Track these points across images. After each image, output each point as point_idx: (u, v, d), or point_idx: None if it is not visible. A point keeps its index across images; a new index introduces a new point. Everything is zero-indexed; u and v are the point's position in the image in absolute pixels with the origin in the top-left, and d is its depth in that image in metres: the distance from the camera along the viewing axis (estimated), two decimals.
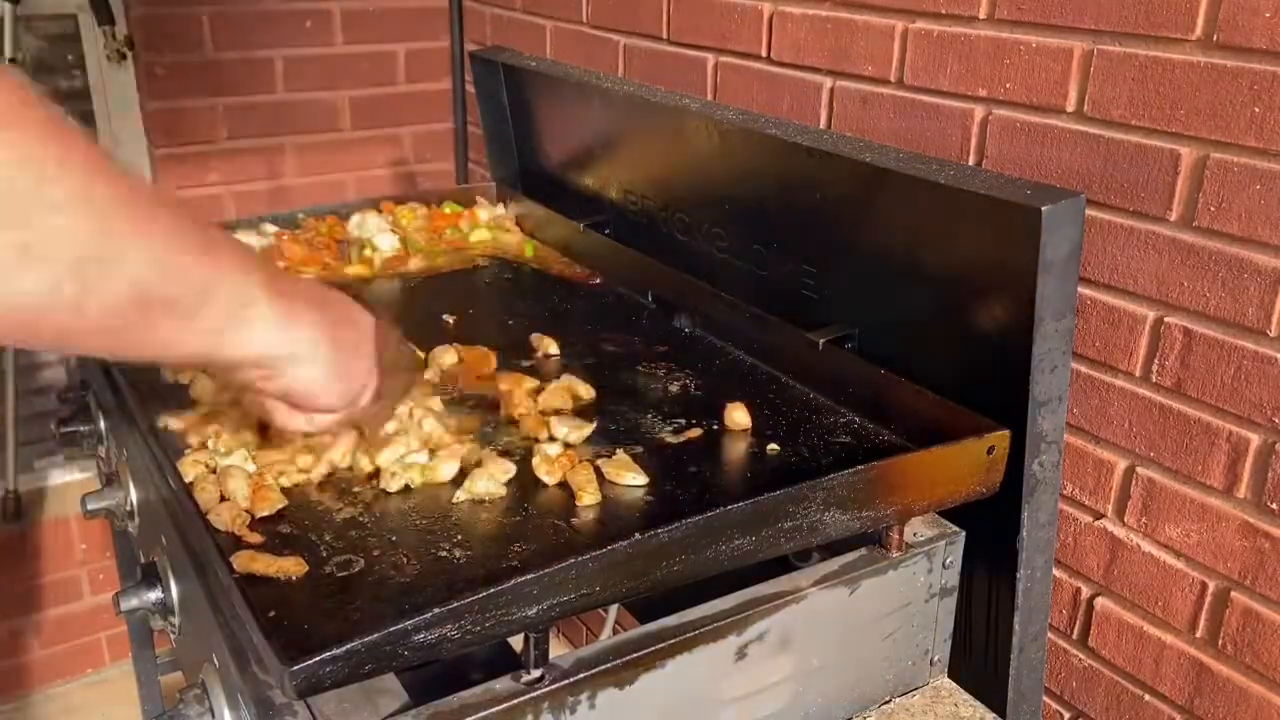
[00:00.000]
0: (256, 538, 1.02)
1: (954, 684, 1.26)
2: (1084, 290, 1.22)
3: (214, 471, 1.11)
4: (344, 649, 0.79)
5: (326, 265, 1.77)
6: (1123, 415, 1.23)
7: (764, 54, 1.63)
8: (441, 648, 0.83)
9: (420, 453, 1.14)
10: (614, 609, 2.10)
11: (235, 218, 2.05)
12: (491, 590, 0.84)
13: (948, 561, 1.20)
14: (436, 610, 0.82)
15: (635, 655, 0.98)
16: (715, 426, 1.26)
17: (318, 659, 0.79)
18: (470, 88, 2.43)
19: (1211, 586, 1.17)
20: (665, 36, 1.84)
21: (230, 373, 0.89)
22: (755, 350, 1.45)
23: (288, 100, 2.47)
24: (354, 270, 1.77)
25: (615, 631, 2.13)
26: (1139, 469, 1.22)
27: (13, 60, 2.25)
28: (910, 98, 1.39)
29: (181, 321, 0.77)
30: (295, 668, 0.78)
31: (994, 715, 1.23)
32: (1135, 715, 1.28)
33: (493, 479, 1.11)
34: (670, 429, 1.26)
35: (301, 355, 0.88)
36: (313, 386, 0.92)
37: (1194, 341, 1.14)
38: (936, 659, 1.25)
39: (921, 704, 1.23)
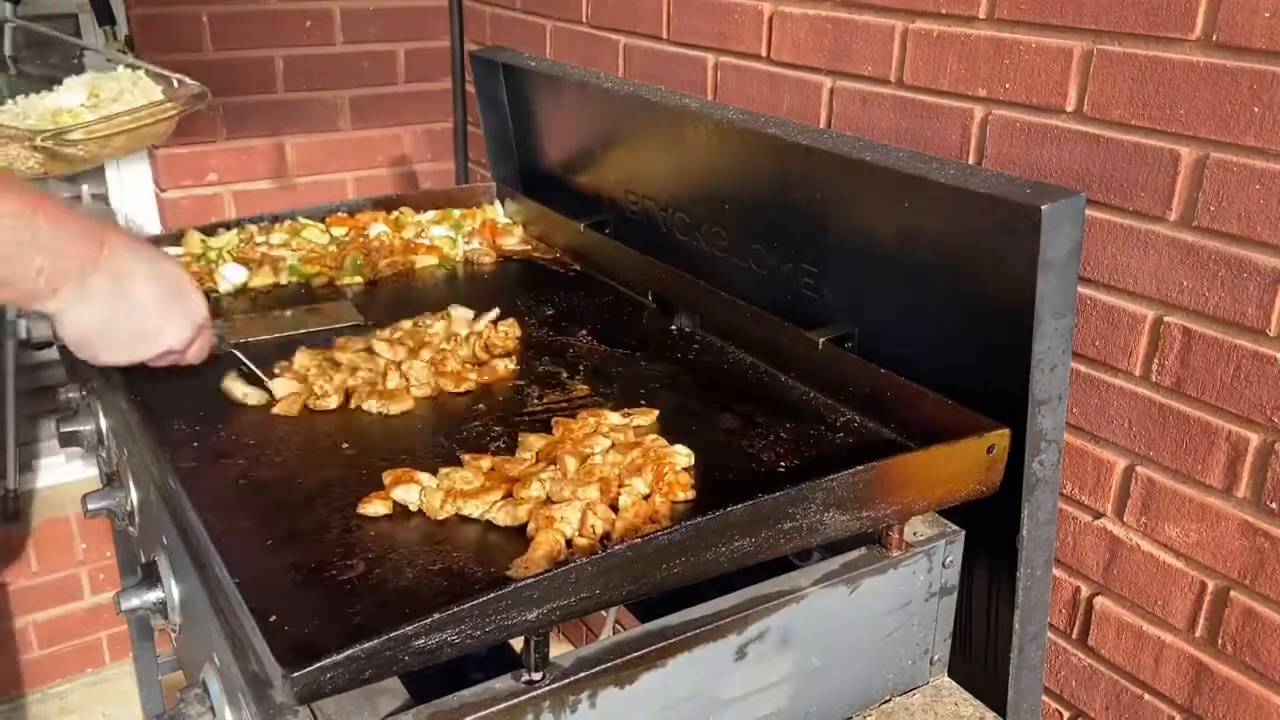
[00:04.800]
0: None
1: (954, 683, 1.27)
2: (1083, 290, 1.22)
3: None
4: (344, 655, 0.79)
5: None
6: (1122, 415, 1.23)
7: (764, 54, 1.63)
8: (441, 652, 0.83)
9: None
10: (614, 608, 2.10)
11: (236, 217, 2.05)
12: (491, 594, 0.84)
13: (947, 561, 1.20)
14: (437, 615, 0.82)
15: (635, 654, 0.98)
16: (715, 427, 1.26)
17: (318, 665, 0.79)
18: (470, 88, 2.43)
19: (1211, 586, 1.17)
20: (665, 36, 1.84)
21: None
22: (755, 350, 1.45)
23: (288, 100, 2.47)
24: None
25: (615, 631, 2.13)
26: (1139, 468, 1.22)
27: (14, 59, 2.24)
28: (910, 97, 1.39)
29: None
30: (296, 674, 0.78)
31: (994, 715, 1.23)
32: (1135, 715, 1.28)
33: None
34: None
35: (65, 322, 1.10)
36: (85, 349, 1.15)
37: (1193, 341, 1.14)
38: (936, 658, 1.25)
39: (921, 703, 1.23)
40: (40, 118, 1.43)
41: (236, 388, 1.32)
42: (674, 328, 1.57)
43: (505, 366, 1.41)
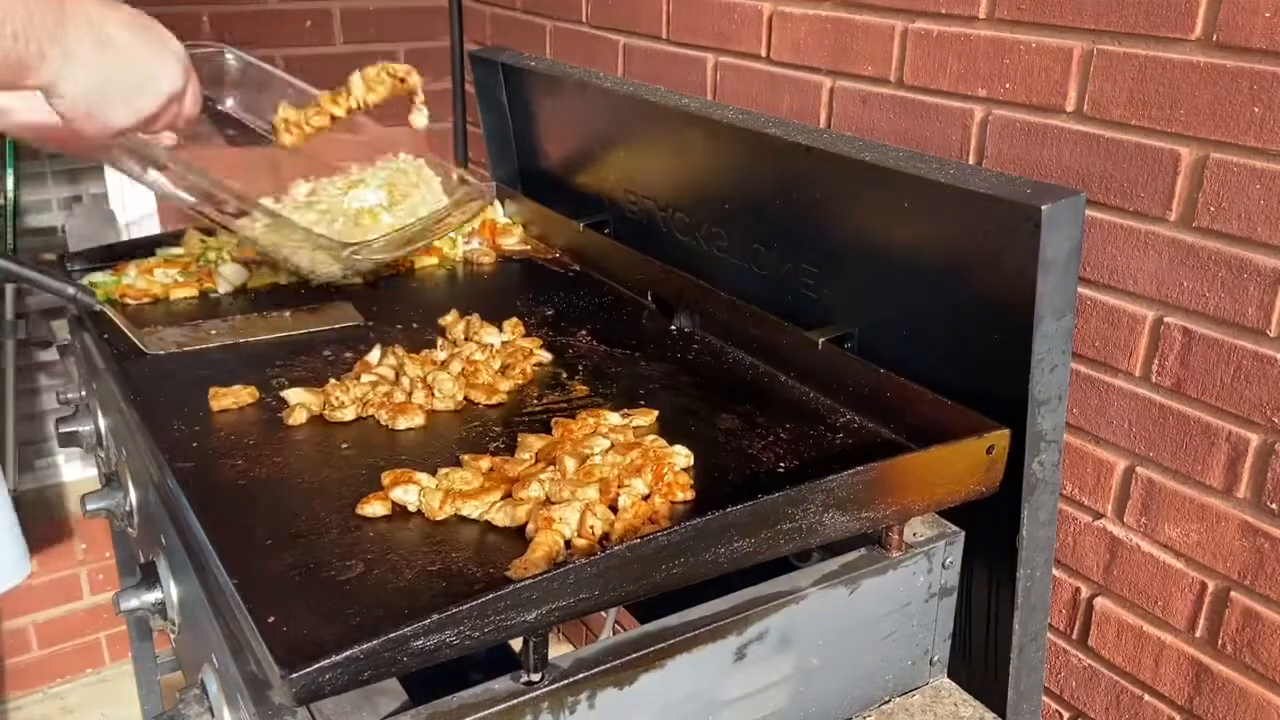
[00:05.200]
0: None
1: (954, 684, 1.26)
2: (1083, 290, 1.22)
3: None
4: (343, 656, 0.79)
5: None
6: (1122, 415, 1.22)
7: (764, 54, 1.63)
8: (440, 653, 0.83)
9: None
10: (613, 609, 2.10)
11: None
12: (490, 595, 0.84)
13: (947, 561, 1.20)
14: (436, 616, 0.82)
15: (635, 655, 0.98)
16: (714, 427, 1.26)
17: (317, 667, 0.78)
18: (470, 88, 2.43)
19: (1211, 586, 1.17)
20: (665, 36, 1.84)
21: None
22: (755, 350, 1.45)
23: None
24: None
25: (615, 631, 2.13)
26: (1139, 469, 1.22)
27: None
28: (910, 97, 1.39)
29: None
30: (295, 675, 0.78)
31: (994, 715, 1.23)
32: (1135, 715, 1.28)
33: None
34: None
35: (64, 91, 1.04)
36: (93, 117, 1.08)
37: (1193, 341, 1.14)
38: (936, 659, 1.25)
39: (921, 704, 1.23)
40: (345, 219, 1.45)
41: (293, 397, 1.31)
42: (674, 328, 1.57)
43: (527, 370, 1.40)
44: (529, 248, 1.94)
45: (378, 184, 1.49)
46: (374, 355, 1.42)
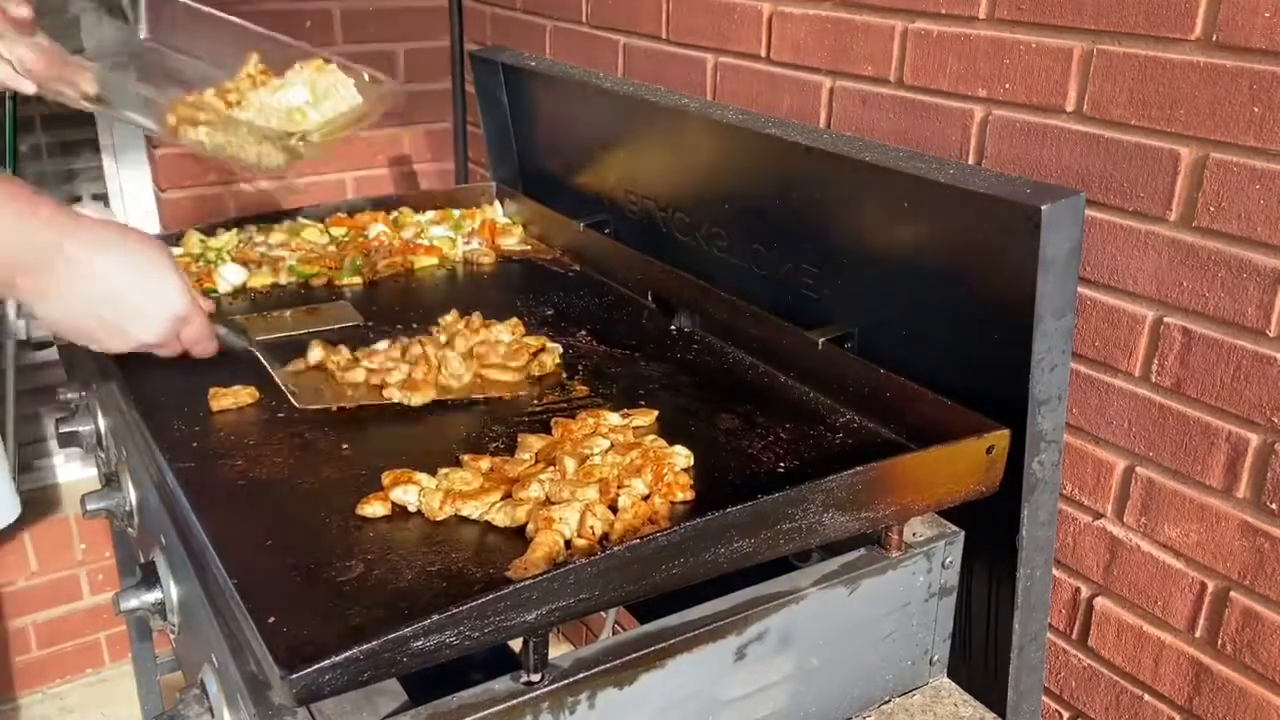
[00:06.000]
0: None
1: (953, 684, 1.27)
2: (1083, 290, 1.22)
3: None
4: (343, 656, 0.79)
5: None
6: (1122, 415, 1.22)
7: (764, 54, 1.63)
8: (440, 653, 0.83)
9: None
10: (613, 609, 2.10)
11: (236, 217, 2.05)
12: (490, 596, 0.84)
13: (947, 561, 1.20)
14: (436, 616, 0.82)
15: (635, 655, 0.98)
16: (714, 427, 1.26)
17: (317, 667, 0.79)
18: (470, 88, 2.43)
19: (1211, 586, 1.17)
20: (665, 36, 1.84)
21: None
22: (755, 350, 1.45)
23: None
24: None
25: (615, 632, 2.13)
26: (1138, 469, 1.22)
27: None
28: (910, 97, 1.39)
29: None
30: (294, 676, 0.78)
31: (994, 715, 1.23)
32: (1135, 715, 1.28)
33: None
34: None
35: (45, 315, 1.10)
36: (69, 338, 1.15)
37: (1193, 341, 1.14)
38: (936, 659, 1.25)
39: (921, 704, 1.23)
40: (278, 116, 1.54)
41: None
42: (674, 328, 1.57)
43: (552, 362, 1.42)
44: (529, 248, 1.94)
45: (300, 83, 1.59)
46: (380, 347, 1.43)
